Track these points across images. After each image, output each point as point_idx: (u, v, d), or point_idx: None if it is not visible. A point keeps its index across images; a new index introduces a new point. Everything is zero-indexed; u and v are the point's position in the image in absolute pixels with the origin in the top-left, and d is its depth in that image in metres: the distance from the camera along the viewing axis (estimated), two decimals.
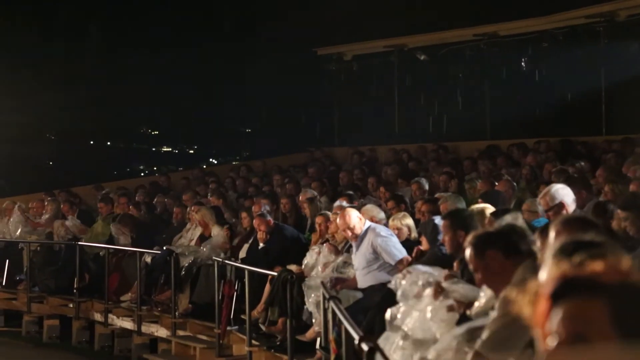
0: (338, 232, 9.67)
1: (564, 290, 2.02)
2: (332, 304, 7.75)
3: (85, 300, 14.21)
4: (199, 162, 25.61)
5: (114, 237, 14.29)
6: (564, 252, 2.44)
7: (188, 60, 23.23)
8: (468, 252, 5.00)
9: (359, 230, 8.92)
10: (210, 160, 27.22)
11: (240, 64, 23.23)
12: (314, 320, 9.41)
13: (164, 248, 12.88)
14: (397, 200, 10.85)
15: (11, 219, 15.68)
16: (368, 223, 9.02)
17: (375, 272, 8.82)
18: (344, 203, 10.65)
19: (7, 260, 15.48)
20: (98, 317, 13.90)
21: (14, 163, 20.39)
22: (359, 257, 8.95)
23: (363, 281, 8.93)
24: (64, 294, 14.64)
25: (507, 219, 5.55)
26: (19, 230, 15.53)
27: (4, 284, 15.47)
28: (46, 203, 15.96)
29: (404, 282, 6.57)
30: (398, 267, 8.44)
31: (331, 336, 7.93)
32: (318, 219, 10.75)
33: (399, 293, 6.53)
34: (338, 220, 9.19)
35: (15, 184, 19.28)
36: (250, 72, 22.87)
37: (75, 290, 14.25)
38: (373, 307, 7.94)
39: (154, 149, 27.41)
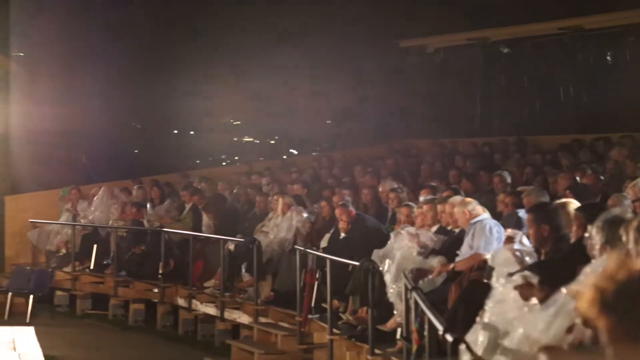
0: (442, 219, 9.66)
1: None
2: (414, 294, 7.84)
3: (169, 285, 14.53)
4: (280, 153, 25.82)
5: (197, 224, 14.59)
6: None
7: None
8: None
9: (467, 220, 8.93)
10: (291, 150, 27.40)
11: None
12: (395, 311, 9.48)
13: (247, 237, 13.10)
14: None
15: (98, 205, 16.11)
16: (482, 216, 8.99)
17: None
18: (428, 195, 10.71)
19: (95, 245, 15.90)
20: (182, 302, 14.20)
21: (101, 150, 20.84)
22: (465, 247, 8.95)
23: None
24: (149, 279, 14.98)
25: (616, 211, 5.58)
26: (106, 217, 15.97)
27: (91, 268, 15.90)
28: (133, 190, 16.35)
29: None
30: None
31: (413, 326, 8.03)
32: (401, 210, 10.81)
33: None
34: (455, 209, 9.19)
35: (103, 170, 19.72)
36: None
37: (160, 276, 14.59)
38: (456, 297, 8.00)
39: (235, 139, 27.69)
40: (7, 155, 17.51)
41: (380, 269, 9.45)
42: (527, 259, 6.75)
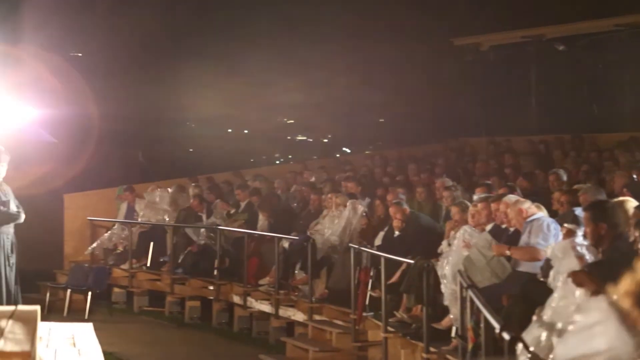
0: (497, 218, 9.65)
1: None
2: (470, 292, 7.84)
3: (225, 283, 14.65)
4: (333, 151, 25.91)
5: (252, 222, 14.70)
6: None
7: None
8: None
9: (523, 219, 8.90)
10: (344, 149, 27.45)
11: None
12: (450, 309, 9.47)
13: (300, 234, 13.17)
14: None
15: (155, 203, 16.31)
16: (538, 214, 8.96)
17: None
18: (482, 194, 10.69)
19: (152, 243, 16.10)
20: (237, 299, 14.31)
21: (156, 148, 21.12)
22: (521, 245, 8.90)
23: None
24: (204, 276, 15.13)
25: None
26: (163, 214, 16.16)
27: (148, 265, 16.11)
28: (190, 189, 16.52)
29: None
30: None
31: (469, 325, 8.02)
32: (454, 209, 10.80)
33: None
34: (509, 208, 9.17)
35: (158, 168, 19.96)
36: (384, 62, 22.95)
37: (215, 273, 14.73)
38: (512, 295, 7.97)
39: (289, 138, 27.85)
40: (65, 154, 17.79)
41: (437, 267, 9.45)
42: (586, 254, 6.72)
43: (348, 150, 26.88)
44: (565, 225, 7.66)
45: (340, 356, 11.60)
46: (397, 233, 11.76)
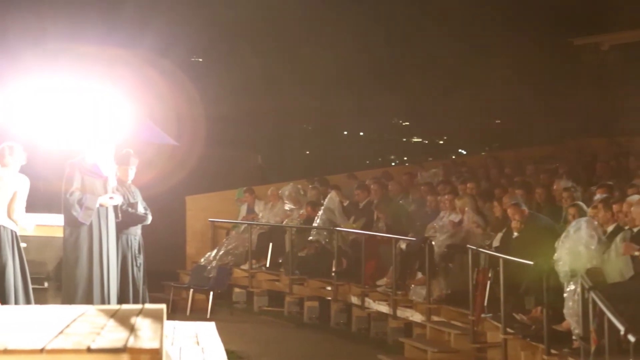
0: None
1: None
2: (592, 294, 7.77)
3: (343, 283, 14.80)
4: (448, 153, 25.85)
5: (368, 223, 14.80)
6: None
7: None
8: None
9: None
10: (459, 150, 27.34)
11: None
12: (571, 310, 9.37)
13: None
14: None
15: (275, 205, 16.61)
16: None
17: None
18: (603, 194, 10.55)
19: (271, 244, 16.38)
20: (355, 300, 14.43)
21: (275, 151, 21.45)
22: None
23: None
24: (322, 277, 15.31)
25: None
26: (282, 216, 16.44)
27: (267, 265, 16.39)
28: (308, 190, 16.75)
29: None
30: None
31: (592, 326, 7.95)
32: (571, 210, 10.70)
33: None
34: (633, 207, 9.06)
35: (277, 171, 20.29)
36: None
37: (333, 274, 14.89)
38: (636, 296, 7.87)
39: (404, 140, 27.90)
40: (187, 157, 18.23)
41: (556, 268, 9.38)
42: None
43: (464, 152, 26.75)
44: None
45: (458, 357, 11.59)
46: (515, 234, 11.69)
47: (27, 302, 9.25)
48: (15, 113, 14.28)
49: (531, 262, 10.12)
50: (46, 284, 11.80)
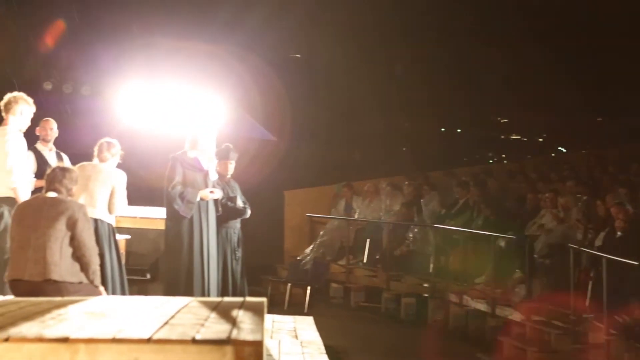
0: None
1: None
2: None
3: (440, 281, 14.71)
4: (548, 151, 25.41)
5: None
6: None
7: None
8: None
9: None
10: (559, 148, 26.86)
11: None
12: None
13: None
14: None
15: (373, 201, 16.61)
16: None
17: None
18: None
19: (368, 240, 16.38)
20: (453, 297, 14.33)
21: (372, 148, 21.41)
22: None
23: None
24: (420, 274, 15.23)
25: None
26: (379, 212, 16.43)
27: (364, 261, 16.40)
28: (404, 187, 16.70)
29: None
30: None
31: None
32: None
33: None
34: None
35: (374, 167, 20.25)
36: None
37: (431, 271, 14.79)
38: None
39: (503, 137, 27.54)
40: (285, 152, 18.36)
41: None
42: None
43: (564, 150, 26.30)
44: None
45: (559, 357, 11.39)
46: (619, 234, 11.45)
47: (123, 293, 9.42)
48: (121, 109, 14.59)
49: (636, 262, 9.91)
50: (148, 275, 12.04)
